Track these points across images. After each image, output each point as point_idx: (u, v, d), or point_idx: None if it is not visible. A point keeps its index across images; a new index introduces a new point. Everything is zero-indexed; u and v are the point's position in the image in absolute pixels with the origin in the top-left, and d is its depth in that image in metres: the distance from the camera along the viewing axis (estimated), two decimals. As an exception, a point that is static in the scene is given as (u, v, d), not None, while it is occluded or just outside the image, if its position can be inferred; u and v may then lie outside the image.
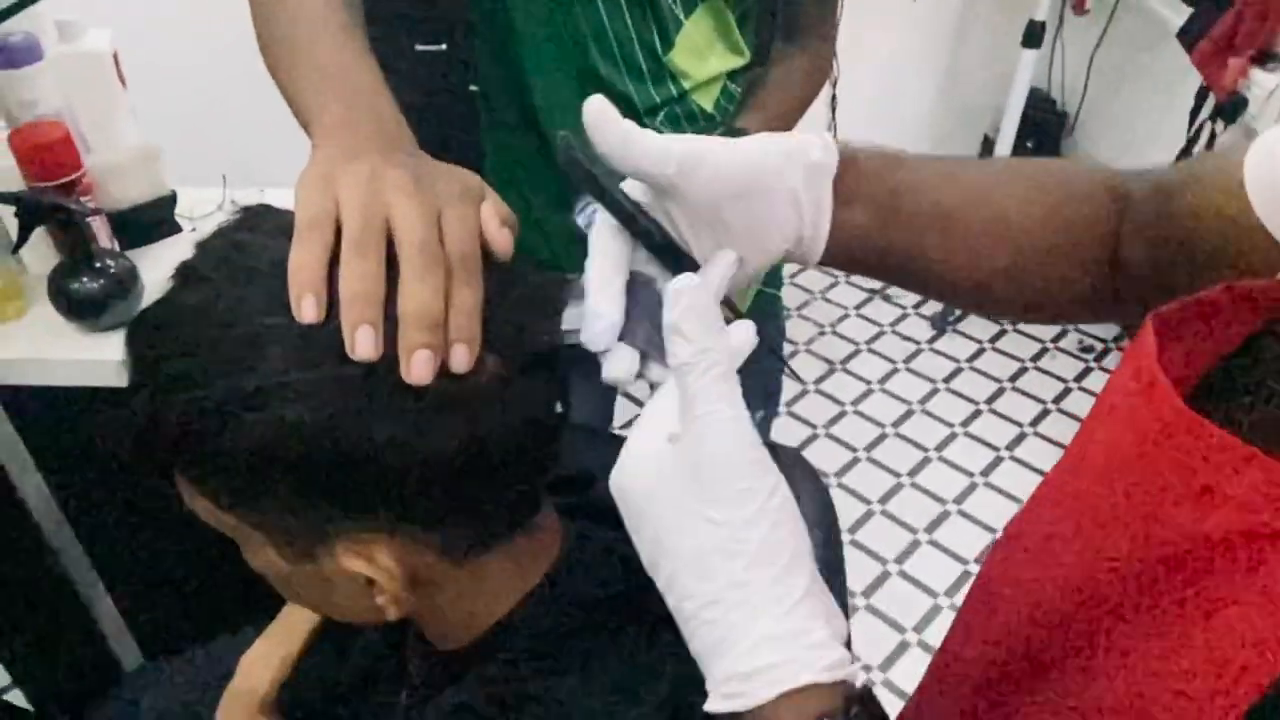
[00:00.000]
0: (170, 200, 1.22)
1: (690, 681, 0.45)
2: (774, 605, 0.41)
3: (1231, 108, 1.99)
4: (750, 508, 0.42)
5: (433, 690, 0.62)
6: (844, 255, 0.54)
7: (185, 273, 0.50)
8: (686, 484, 0.43)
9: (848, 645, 0.44)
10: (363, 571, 0.50)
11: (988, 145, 2.89)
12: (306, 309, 0.45)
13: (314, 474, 0.46)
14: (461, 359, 0.46)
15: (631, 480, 0.46)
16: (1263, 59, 1.90)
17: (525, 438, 0.50)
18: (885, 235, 0.53)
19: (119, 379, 1.06)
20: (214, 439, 0.46)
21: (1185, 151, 2.12)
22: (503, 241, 0.50)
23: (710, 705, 0.42)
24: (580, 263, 0.50)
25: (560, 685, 0.54)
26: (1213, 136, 2.05)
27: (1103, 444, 0.41)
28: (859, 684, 0.43)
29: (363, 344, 0.44)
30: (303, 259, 0.45)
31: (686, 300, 0.45)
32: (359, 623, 0.58)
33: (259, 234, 0.50)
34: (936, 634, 1.79)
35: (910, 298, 2.66)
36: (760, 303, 1.12)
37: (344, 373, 0.45)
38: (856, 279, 2.73)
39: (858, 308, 2.64)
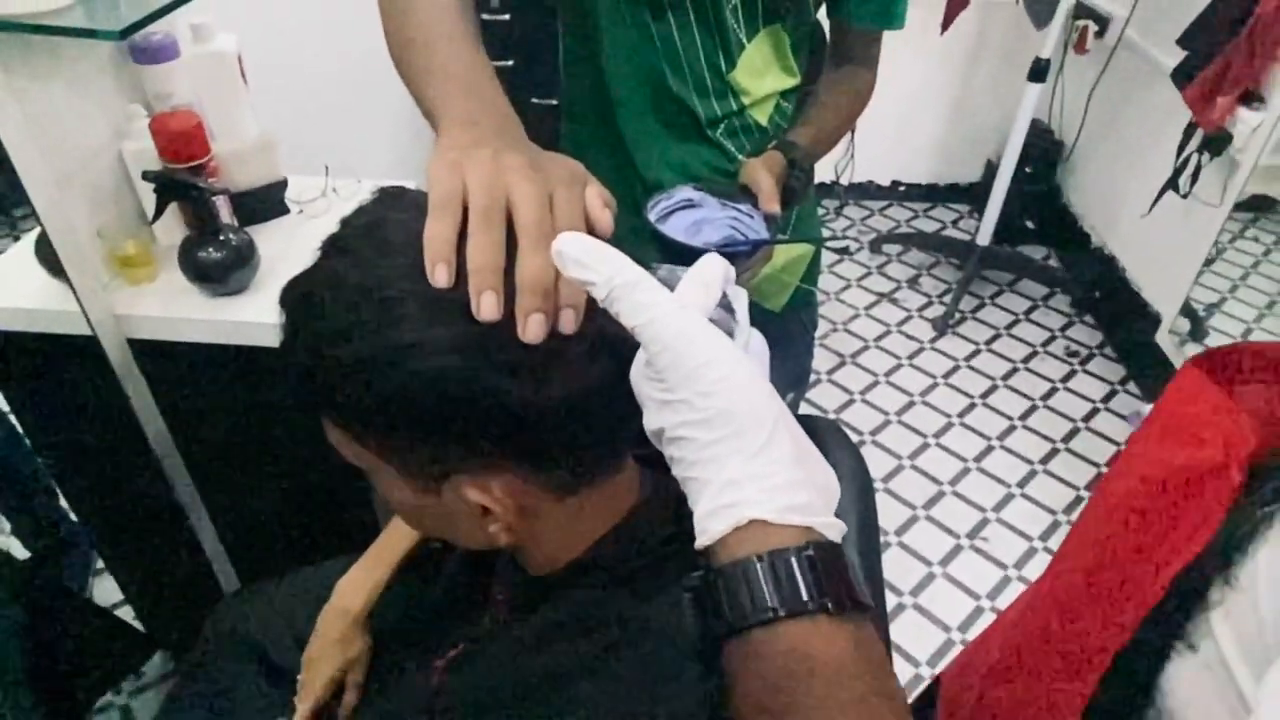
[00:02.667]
0: (282, 185, 1.25)
1: None
2: (735, 455, 0.41)
3: (1217, 142, 1.98)
4: (707, 379, 0.41)
5: (520, 611, 0.64)
6: None
7: (333, 244, 0.51)
8: (649, 379, 0.44)
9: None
10: (481, 502, 0.52)
11: (990, 169, 2.88)
12: (439, 276, 0.46)
13: (443, 418, 0.48)
14: (569, 322, 0.47)
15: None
16: (1248, 98, 1.88)
17: (616, 390, 0.51)
18: None
19: (236, 336, 1.10)
20: (360, 387, 0.48)
21: (1171, 181, 2.11)
22: (605, 220, 0.51)
23: (698, 545, 0.43)
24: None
25: (641, 608, 0.56)
26: (1198, 168, 2.04)
27: (1153, 431, 0.55)
28: (834, 537, 0.41)
29: (487, 307, 0.45)
30: (435, 232, 0.47)
31: (571, 240, 0.44)
32: (467, 547, 0.60)
33: (396, 211, 0.51)
34: (958, 568, 1.89)
35: (915, 302, 2.67)
36: (797, 296, 1.14)
37: (471, 331, 0.46)
38: (867, 283, 2.74)
39: (867, 309, 2.64)
